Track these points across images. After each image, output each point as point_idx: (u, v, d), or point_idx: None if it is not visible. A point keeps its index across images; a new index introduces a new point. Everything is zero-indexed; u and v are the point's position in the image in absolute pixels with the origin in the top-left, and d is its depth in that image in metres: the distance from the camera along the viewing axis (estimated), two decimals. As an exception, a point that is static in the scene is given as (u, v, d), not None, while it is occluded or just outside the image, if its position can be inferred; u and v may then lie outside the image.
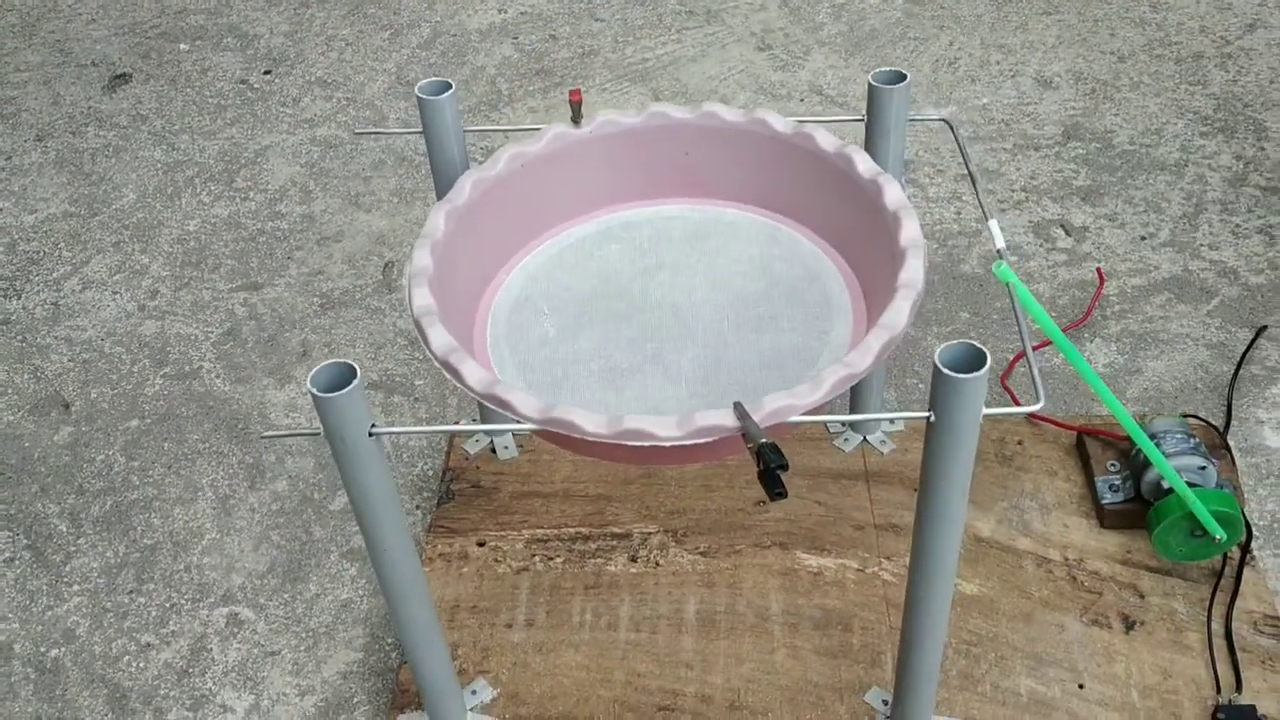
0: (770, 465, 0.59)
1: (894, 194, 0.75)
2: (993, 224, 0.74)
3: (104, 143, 1.51)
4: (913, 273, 0.70)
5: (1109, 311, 1.17)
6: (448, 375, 0.68)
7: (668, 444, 0.63)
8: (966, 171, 0.80)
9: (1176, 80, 1.47)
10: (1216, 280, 1.19)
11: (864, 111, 0.84)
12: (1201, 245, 1.24)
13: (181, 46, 1.69)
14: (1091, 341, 1.14)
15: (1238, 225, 1.26)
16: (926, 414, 0.63)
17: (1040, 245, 1.25)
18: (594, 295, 0.81)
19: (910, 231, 0.73)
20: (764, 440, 0.61)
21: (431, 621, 0.77)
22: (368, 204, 1.38)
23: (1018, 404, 1.05)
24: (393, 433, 0.66)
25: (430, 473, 1.06)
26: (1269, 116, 1.40)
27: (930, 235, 1.27)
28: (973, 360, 0.61)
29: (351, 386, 0.63)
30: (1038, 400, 0.63)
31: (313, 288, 1.27)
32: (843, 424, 1.04)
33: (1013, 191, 1.32)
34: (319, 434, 0.65)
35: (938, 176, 1.35)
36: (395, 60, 1.63)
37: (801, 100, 1.50)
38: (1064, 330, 1.14)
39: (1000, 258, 0.72)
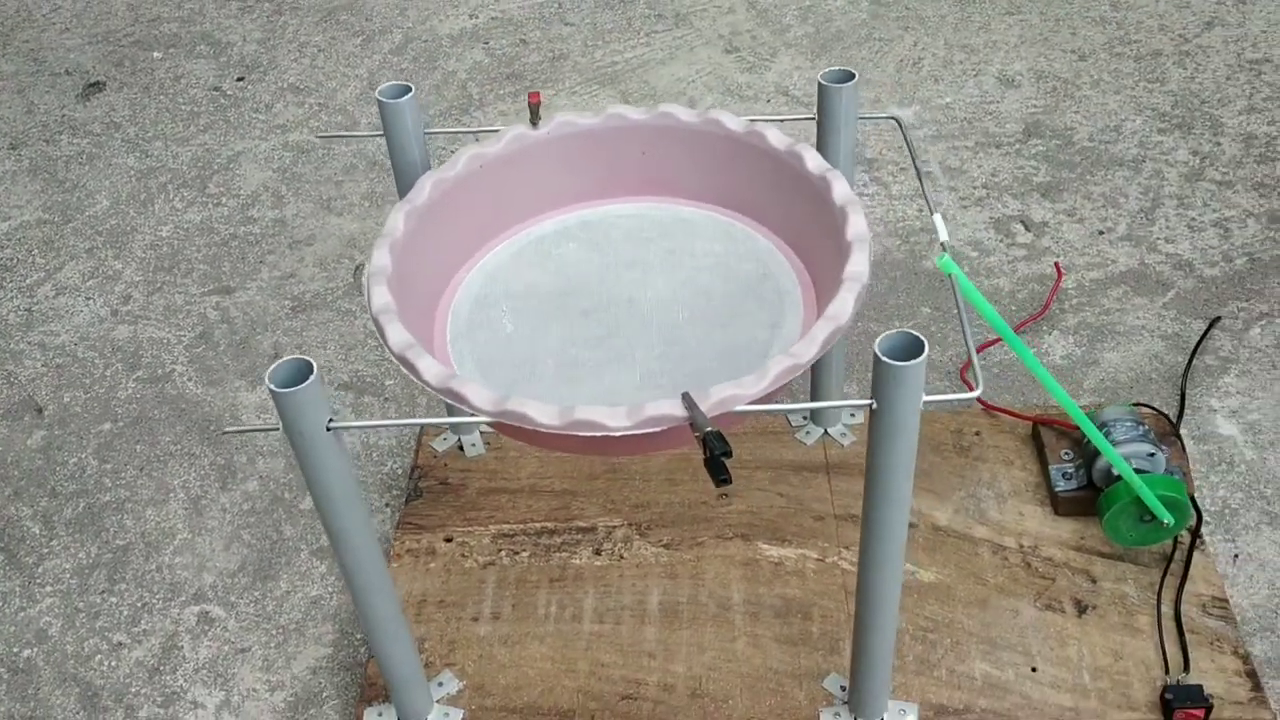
0: (715, 452, 0.61)
1: (841, 190, 0.77)
2: (937, 218, 0.76)
3: (77, 150, 1.52)
4: (858, 265, 0.72)
5: (1067, 305, 1.19)
6: (405, 371, 0.70)
7: (618, 434, 0.65)
8: (914, 168, 0.82)
9: (1136, 78, 1.49)
10: (1172, 273, 1.22)
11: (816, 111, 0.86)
12: (1158, 239, 1.26)
13: (155, 54, 1.70)
14: (1050, 334, 1.16)
15: (1194, 219, 1.28)
16: (869, 401, 0.65)
17: (1001, 241, 1.27)
18: (553, 293, 0.82)
19: (856, 226, 0.74)
20: (709, 429, 0.62)
21: (396, 615, 0.78)
22: (339, 208, 1.39)
23: (980, 401, 1.06)
24: (351, 427, 0.67)
25: (399, 471, 1.08)
26: (1225, 112, 1.43)
27: (893, 232, 1.29)
28: (912, 348, 0.63)
29: (309, 381, 0.64)
30: (976, 385, 0.66)
31: (284, 291, 1.29)
32: (804, 418, 1.06)
33: (974, 188, 1.35)
34: (278, 429, 0.67)
35: (900, 174, 1.37)
36: (367, 66, 1.64)
37: (768, 101, 1.52)
38: (1023, 324, 1.16)
39: (944, 250, 0.74)
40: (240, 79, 1.64)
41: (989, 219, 1.30)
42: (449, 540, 0.98)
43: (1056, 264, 1.22)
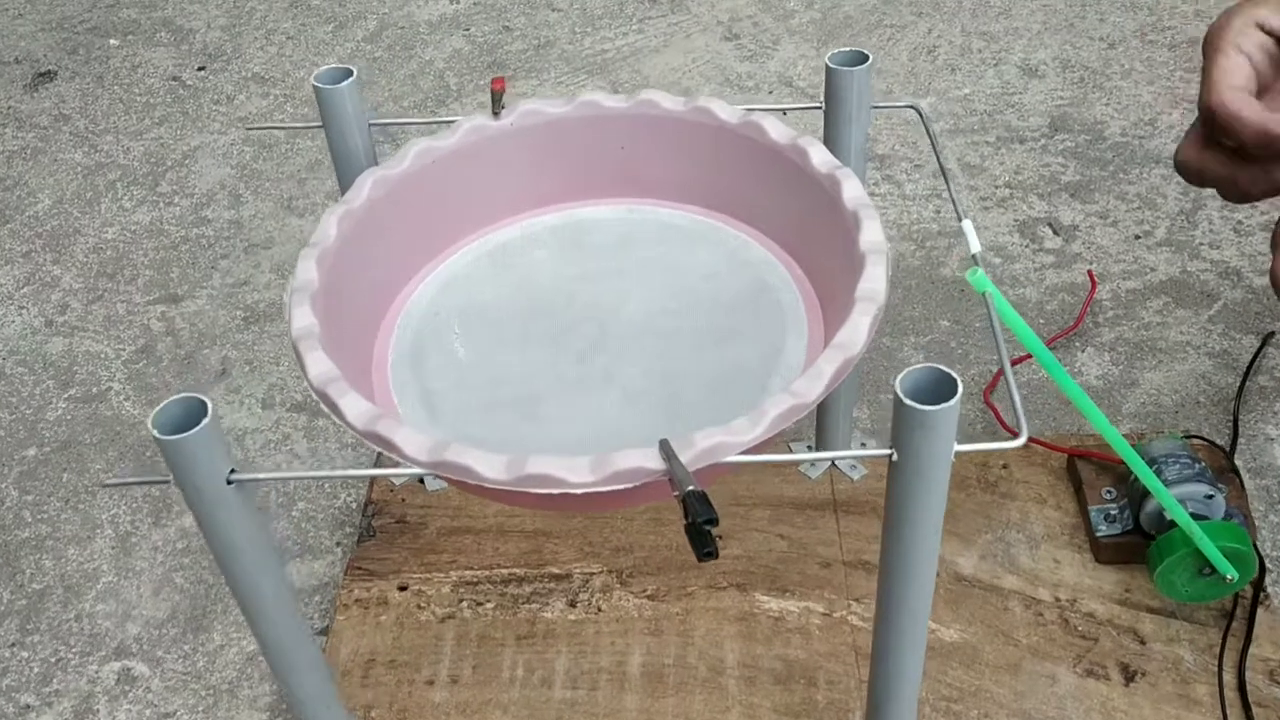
0: (697, 519, 0.49)
1: (853, 190, 0.65)
2: (967, 224, 0.64)
3: (21, 145, 1.40)
4: (873, 282, 0.60)
5: (1101, 318, 1.07)
6: (327, 410, 0.58)
7: (579, 491, 0.53)
8: (938, 164, 0.70)
9: (1171, 67, 1.37)
10: (1218, 282, 1.09)
11: (823, 99, 0.74)
12: (1201, 244, 1.14)
13: (111, 42, 1.58)
14: (1083, 351, 1.04)
15: (1240, 222, 1.16)
16: (888, 451, 0.53)
17: (1026, 246, 1.15)
18: (514, 310, 0.70)
19: (871, 234, 0.63)
20: (691, 487, 0.51)
21: (324, 694, 0.66)
22: (301, 208, 1.27)
23: (1002, 422, 0.95)
24: (258, 479, 0.55)
25: (354, 505, 0.96)
26: (1271, 105, 1.30)
27: (908, 236, 1.17)
28: (941, 388, 0.51)
29: (201, 426, 0.53)
30: (1020, 433, 0.54)
31: (237, 300, 1.17)
32: (808, 447, 0.94)
33: (996, 188, 1.22)
34: (168, 481, 0.55)
35: (915, 172, 1.25)
36: (338, 54, 1.52)
37: (770, 92, 1.40)
38: (1053, 339, 1.04)
39: (975, 263, 0.62)
40: (201, 68, 1.52)
41: (1013, 222, 1.18)
42: (404, 589, 0.86)
43: (1089, 272, 1.10)
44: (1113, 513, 0.83)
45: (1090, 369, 1.02)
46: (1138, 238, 1.15)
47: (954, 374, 0.51)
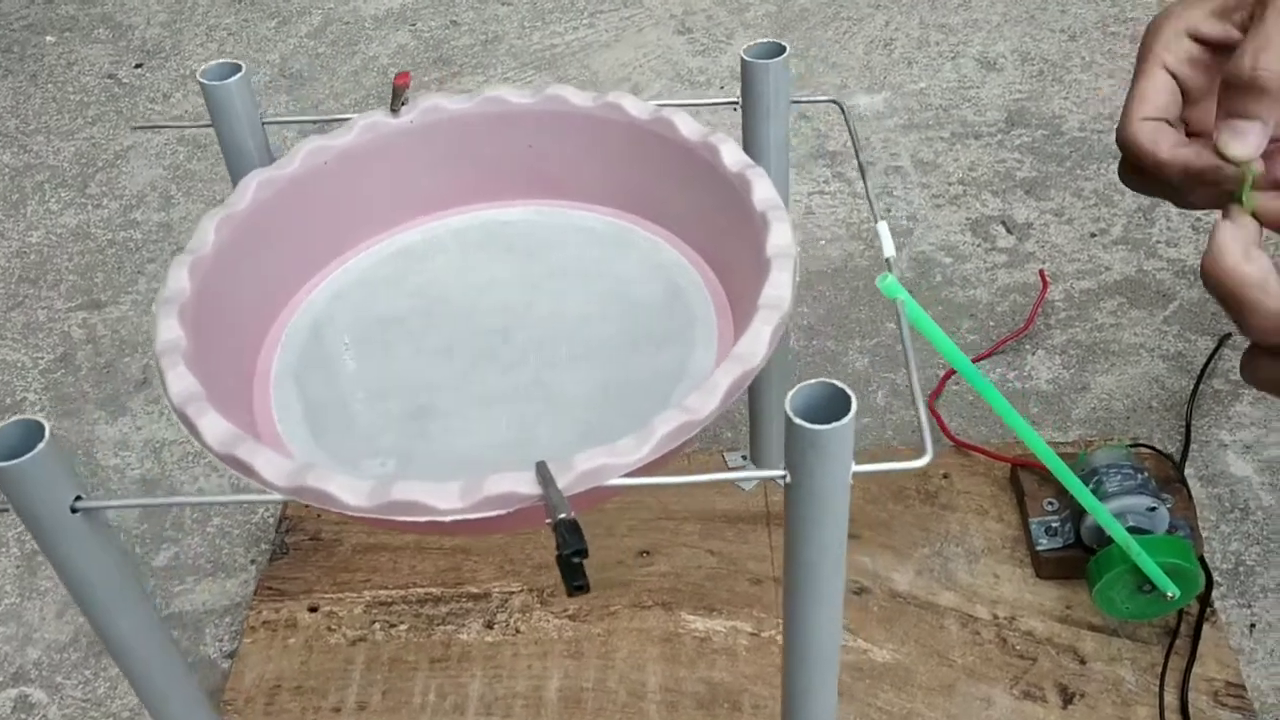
0: (564, 550, 0.45)
1: (763, 191, 0.61)
2: (882, 226, 0.60)
3: (-51, 146, 1.36)
4: (777, 289, 0.56)
5: (1054, 319, 1.03)
6: (187, 431, 0.54)
7: (448, 518, 0.49)
8: (857, 161, 0.66)
9: (1133, 59, 1.33)
10: (1174, 282, 1.06)
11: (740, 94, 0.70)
12: (1158, 242, 1.10)
13: (48, 39, 1.54)
14: (1034, 354, 1.00)
15: (1198, 219, 1.12)
16: (781, 473, 0.49)
17: (978, 245, 1.11)
18: (410, 318, 0.66)
19: (778, 238, 0.59)
20: (563, 514, 0.47)
21: (201, 727, 0.62)
22: (233, 209, 1.23)
23: (946, 430, 0.91)
24: (105, 506, 0.51)
25: (272, 520, 0.92)
26: (1233, 98, 1.27)
27: (857, 235, 1.14)
28: (836, 405, 0.47)
29: (36, 451, 0.48)
30: (924, 452, 0.50)
31: (162, 305, 1.12)
32: (742, 457, 0.90)
33: (949, 185, 1.19)
34: (7, 509, 0.51)
35: (867, 169, 1.21)
36: (280, 51, 1.48)
37: (721, 87, 1.36)
38: (1003, 341, 1.00)
39: (888, 268, 0.58)
40: (139, 65, 1.47)
41: (966, 220, 1.14)
42: (314, 610, 0.82)
43: (1041, 272, 1.06)
44: (1054, 525, 0.79)
45: (1040, 372, 0.99)
46: (1093, 235, 1.12)
47: (848, 390, 0.47)
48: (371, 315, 0.67)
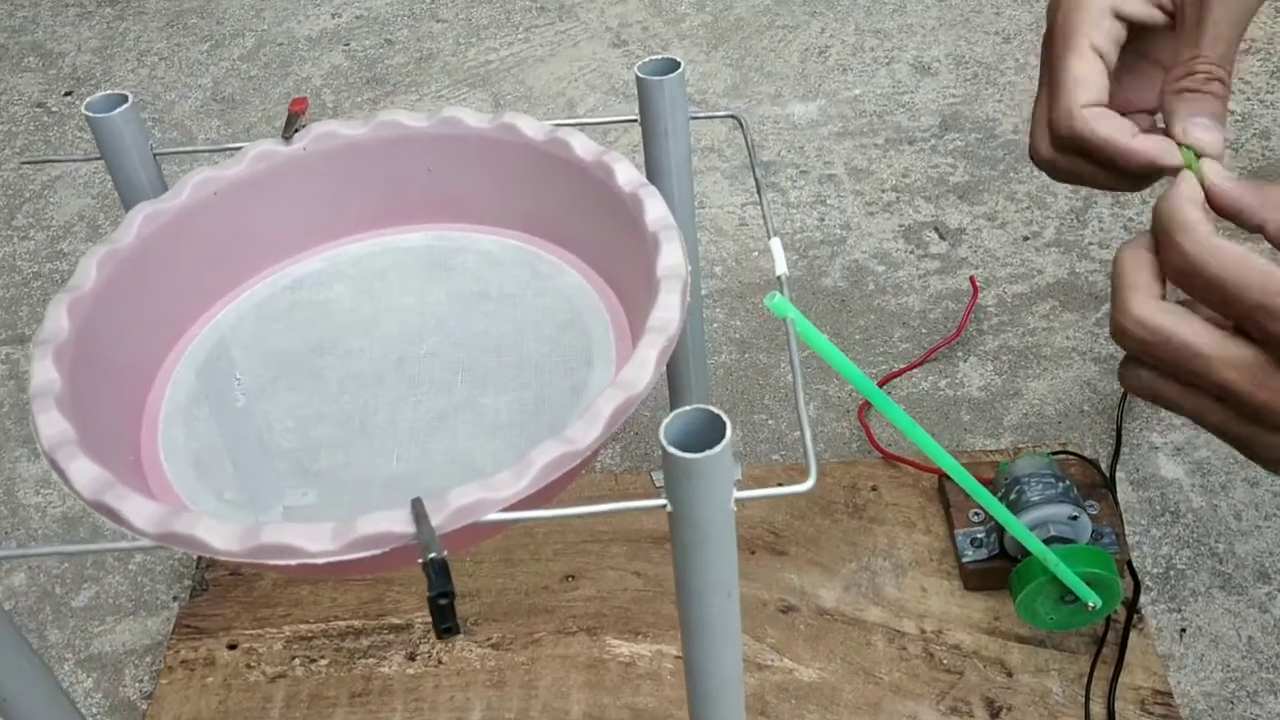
0: (431, 592, 0.44)
1: (655, 210, 0.60)
2: (775, 243, 0.60)
3: (-126, 181, 1.34)
4: (665, 311, 0.55)
5: (985, 325, 1.03)
6: (57, 478, 0.52)
7: (321, 561, 0.48)
8: (754, 177, 0.65)
9: (1066, 60, 1.33)
10: (1106, 283, 1.05)
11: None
12: (1091, 244, 1.10)
13: (-23, 69, 1.52)
14: (965, 361, 1.00)
15: (1130, 219, 1.12)
16: (662, 503, 0.48)
17: (911, 252, 1.11)
18: (303, 351, 0.65)
19: (668, 258, 0.58)
20: (434, 554, 0.45)
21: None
22: (162, 238, 1.21)
23: (874, 442, 0.90)
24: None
25: (194, 556, 0.90)
26: (1166, 95, 1.27)
27: (790, 245, 1.13)
28: (713, 431, 0.46)
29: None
30: (809, 475, 0.49)
31: (87, 338, 1.10)
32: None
33: (882, 192, 1.18)
34: None
35: (800, 179, 1.21)
36: (212, 74, 1.46)
37: (657, 100, 1.35)
38: (934, 349, 1.00)
39: (780, 286, 0.57)
40: (68, 93, 1.45)
41: (898, 227, 1.14)
42: (233, 647, 0.80)
43: (972, 278, 1.05)
44: (979, 537, 0.78)
45: (972, 379, 0.98)
46: (1026, 239, 1.11)
47: (723, 416, 0.46)
48: (269, 348, 0.65)
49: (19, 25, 1.59)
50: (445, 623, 0.44)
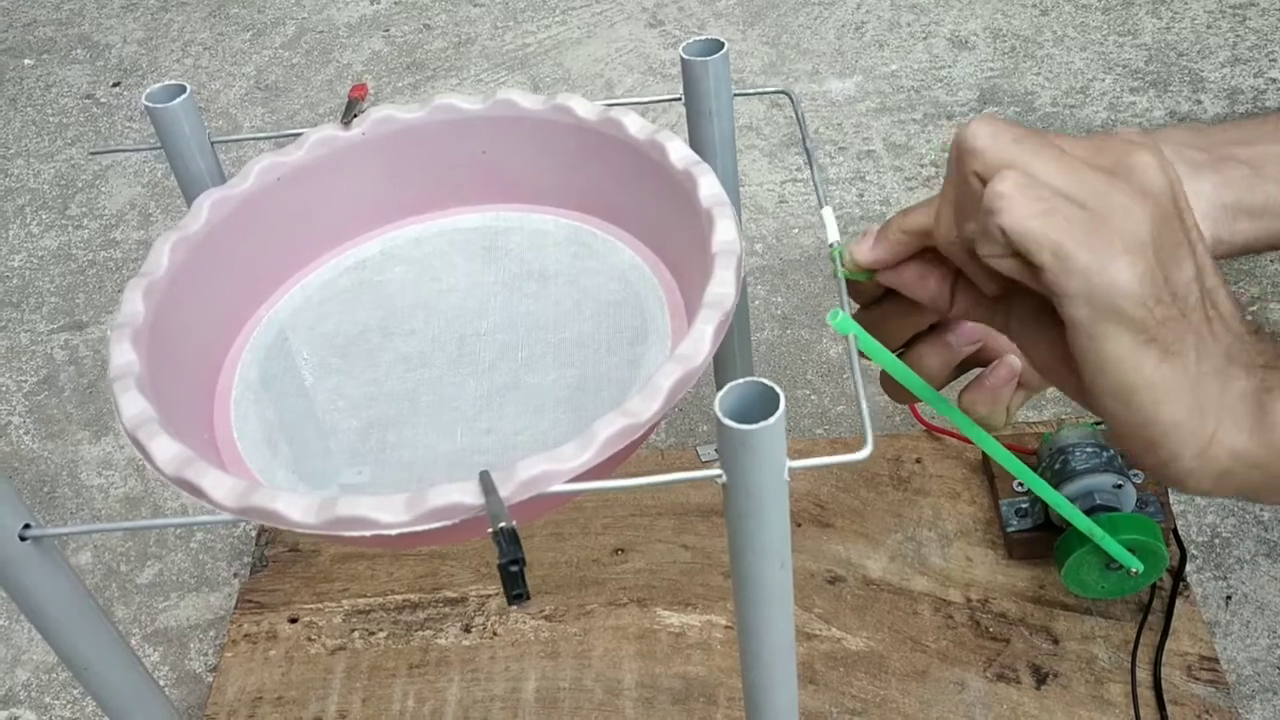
0: (502, 560, 0.46)
1: (709, 187, 0.61)
2: (827, 212, 0.60)
3: (-70, 172, 1.37)
4: (721, 287, 0.57)
5: (1027, 298, 1.03)
6: (140, 455, 0.54)
7: (394, 532, 0.50)
8: (805, 151, 0.66)
9: (1105, 31, 1.33)
10: (1148, 255, 1.06)
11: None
12: (1131, 216, 1.10)
13: (26, 62, 1.54)
14: (1007, 334, 1.00)
15: (1171, 191, 1.12)
16: (717, 473, 0.49)
17: (951, 227, 1.11)
18: (369, 332, 0.67)
19: (723, 234, 0.59)
20: (504, 523, 0.47)
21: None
22: (211, 224, 1.23)
23: (918, 417, 0.91)
24: (56, 534, 0.52)
25: (253, 533, 0.92)
26: (1205, 65, 1.26)
27: (831, 222, 1.13)
28: (767, 403, 0.48)
29: (-16, 482, 0.49)
30: (865, 443, 0.50)
31: (143, 323, 1.13)
32: (716, 449, 0.90)
33: (921, 167, 1.19)
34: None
35: (839, 155, 1.21)
36: (255, 63, 1.49)
37: (694, 79, 1.36)
38: (976, 323, 1.00)
39: (836, 261, 0.58)
40: (116, 84, 1.48)
41: (938, 202, 1.14)
42: (294, 621, 0.83)
43: (1013, 252, 1.06)
44: (1023, 507, 0.80)
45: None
46: (1066, 212, 1.11)
47: (776, 388, 0.47)
48: (332, 329, 0.67)
49: (65, 18, 1.62)
50: (516, 589, 0.46)
